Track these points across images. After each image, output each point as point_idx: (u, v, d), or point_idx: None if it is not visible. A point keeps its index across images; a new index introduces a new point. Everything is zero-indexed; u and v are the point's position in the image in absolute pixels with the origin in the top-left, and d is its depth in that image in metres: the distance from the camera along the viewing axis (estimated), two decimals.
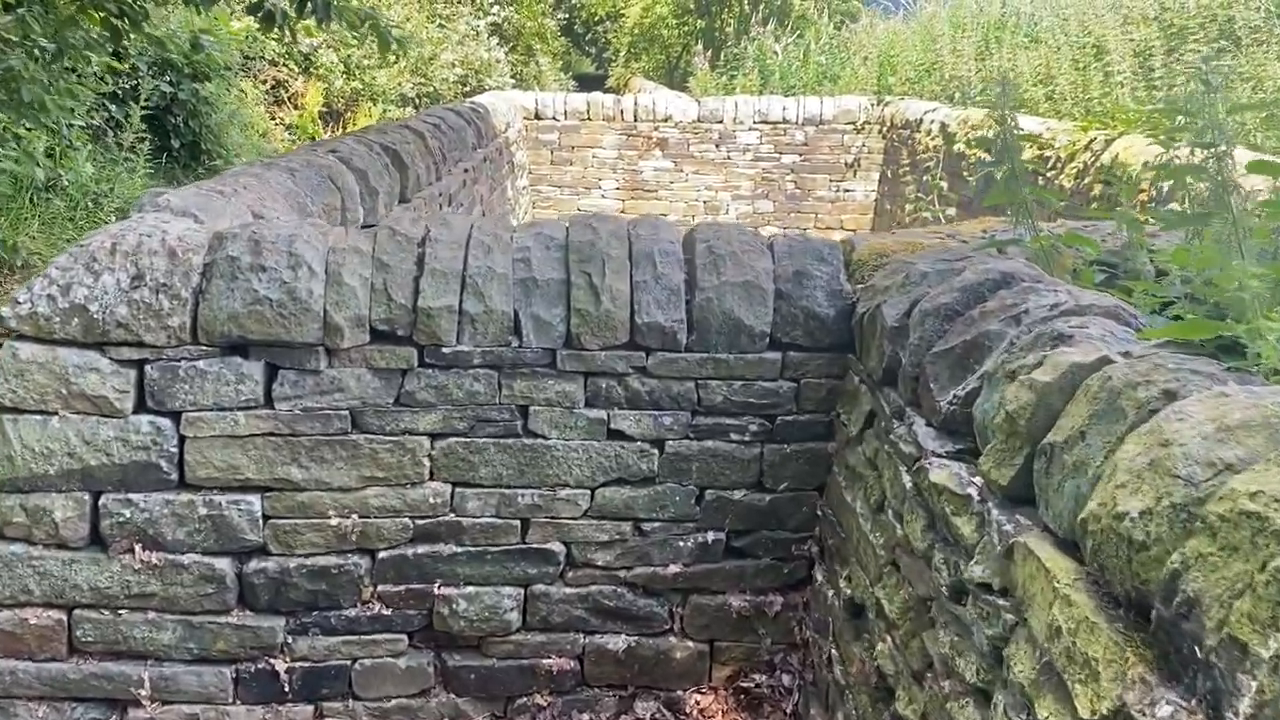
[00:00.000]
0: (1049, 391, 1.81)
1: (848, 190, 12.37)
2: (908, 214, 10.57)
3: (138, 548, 2.90)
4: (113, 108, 7.59)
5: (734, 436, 3.06)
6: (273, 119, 11.95)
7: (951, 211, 9.51)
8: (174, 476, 2.91)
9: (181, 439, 2.89)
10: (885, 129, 12.09)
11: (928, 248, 3.10)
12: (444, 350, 2.93)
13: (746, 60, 15.58)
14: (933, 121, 10.69)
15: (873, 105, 12.21)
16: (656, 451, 3.06)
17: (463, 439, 2.99)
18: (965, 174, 9.64)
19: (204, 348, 2.85)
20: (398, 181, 5.46)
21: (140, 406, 2.86)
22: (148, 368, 2.83)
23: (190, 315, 2.83)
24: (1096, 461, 1.59)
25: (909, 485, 2.40)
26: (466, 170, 7.40)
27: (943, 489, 2.11)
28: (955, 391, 2.24)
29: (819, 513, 3.15)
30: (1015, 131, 2.90)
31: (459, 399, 2.96)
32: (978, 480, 2.01)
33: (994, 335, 2.19)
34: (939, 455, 2.22)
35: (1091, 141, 7.56)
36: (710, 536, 3.13)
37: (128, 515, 2.89)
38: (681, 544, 3.12)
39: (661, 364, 2.99)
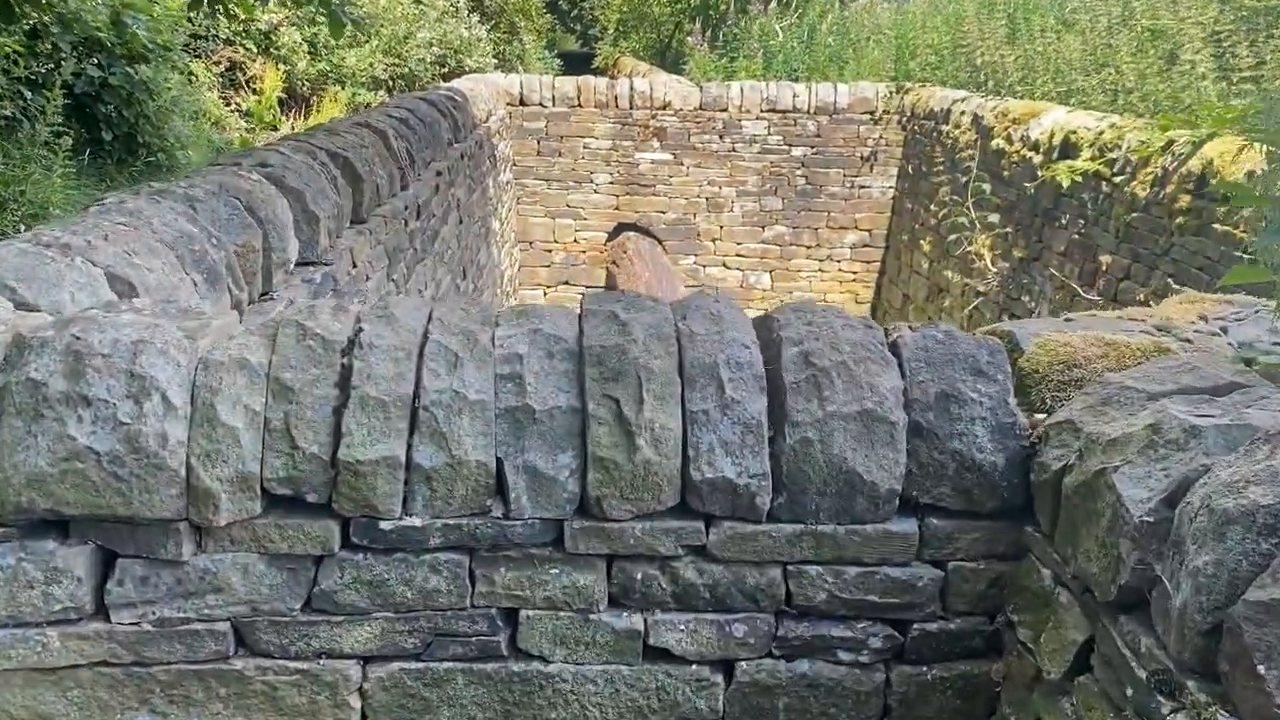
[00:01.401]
0: None
1: (863, 186, 11.28)
2: (937, 218, 9.47)
3: None
4: (29, 94, 6.42)
5: (844, 655, 1.96)
6: (228, 105, 10.74)
7: (994, 219, 8.42)
8: None
9: None
10: (905, 119, 10.99)
11: (1138, 350, 2.00)
12: (383, 525, 1.83)
13: (749, 40, 14.40)
14: (963, 113, 9.59)
15: (891, 93, 11.10)
16: (722, 680, 1.96)
17: (414, 664, 1.89)
18: (1006, 174, 8.55)
19: None
20: (350, 197, 4.33)
21: None
22: None
23: None
24: None
25: None
26: (440, 173, 6.26)
27: None
28: None
29: None
30: None
31: (407, 601, 1.85)
32: None
33: None
34: None
35: (1172, 143, 6.48)
36: None
37: None
38: None
39: (731, 541, 1.89)
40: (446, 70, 13.97)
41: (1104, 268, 7.01)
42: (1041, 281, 7.81)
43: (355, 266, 4.08)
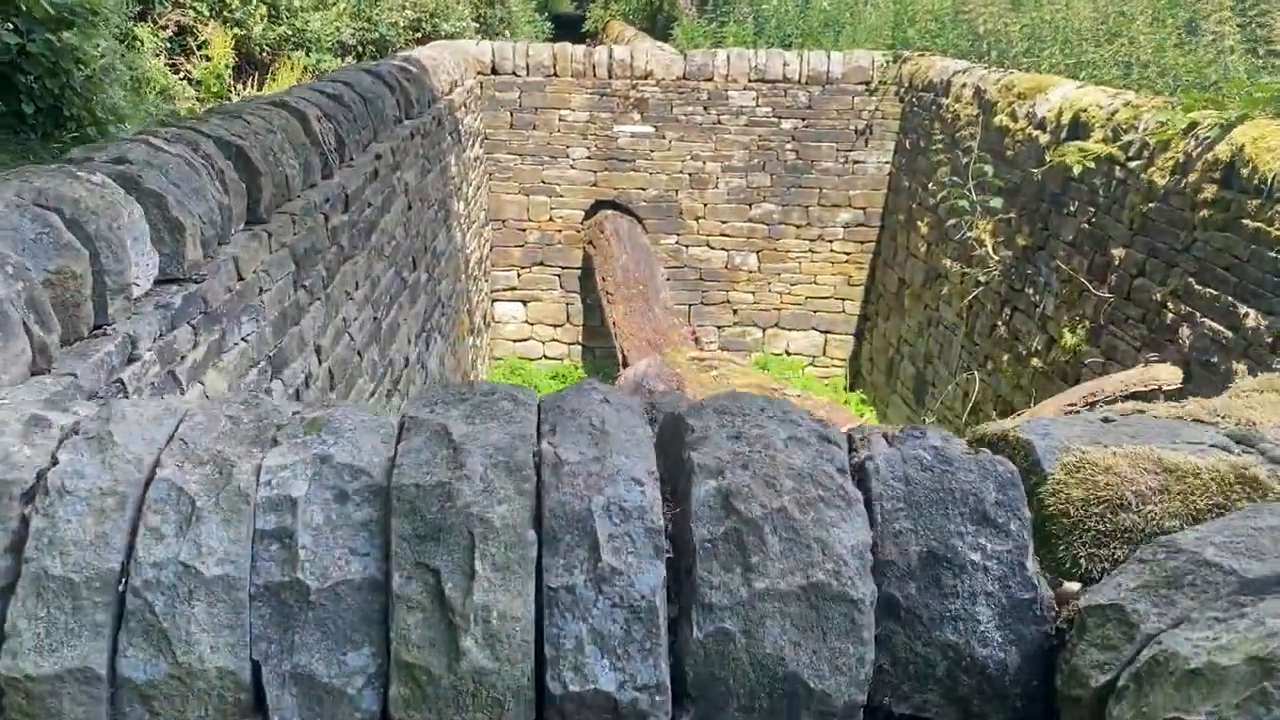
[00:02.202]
0: None
1: (858, 162, 10.59)
2: (935, 198, 8.80)
3: None
4: None
5: None
6: (176, 72, 10.02)
7: (996, 203, 7.76)
8: None
9: None
10: (903, 91, 10.28)
11: (1211, 481, 1.38)
12: None
13: (740, 4, 13.64)
14: (964, 85, 8.89)
15: (888, 62, 10.39)
16: None
17: None
18: (1009, 154, 7.88)
19: None
20: (242, 195, 3.68)
21: None
22: None
23: None
24: None
25: None
26: (380, 156, 5.59)
27: None
28: None
29: None
30: None
31: None
32: None
33: None
34: None
35: (1196, 126, 5.82)
36: None
37: None
38: None
39: None
40: (421, 35, 13.19)
41: (1116, 262, 6.37)
42: (1047, 273, 7.17)
43: (243, 279, 3.44)
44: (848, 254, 10.84)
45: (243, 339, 3.46)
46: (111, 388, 2.55)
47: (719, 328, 10.99)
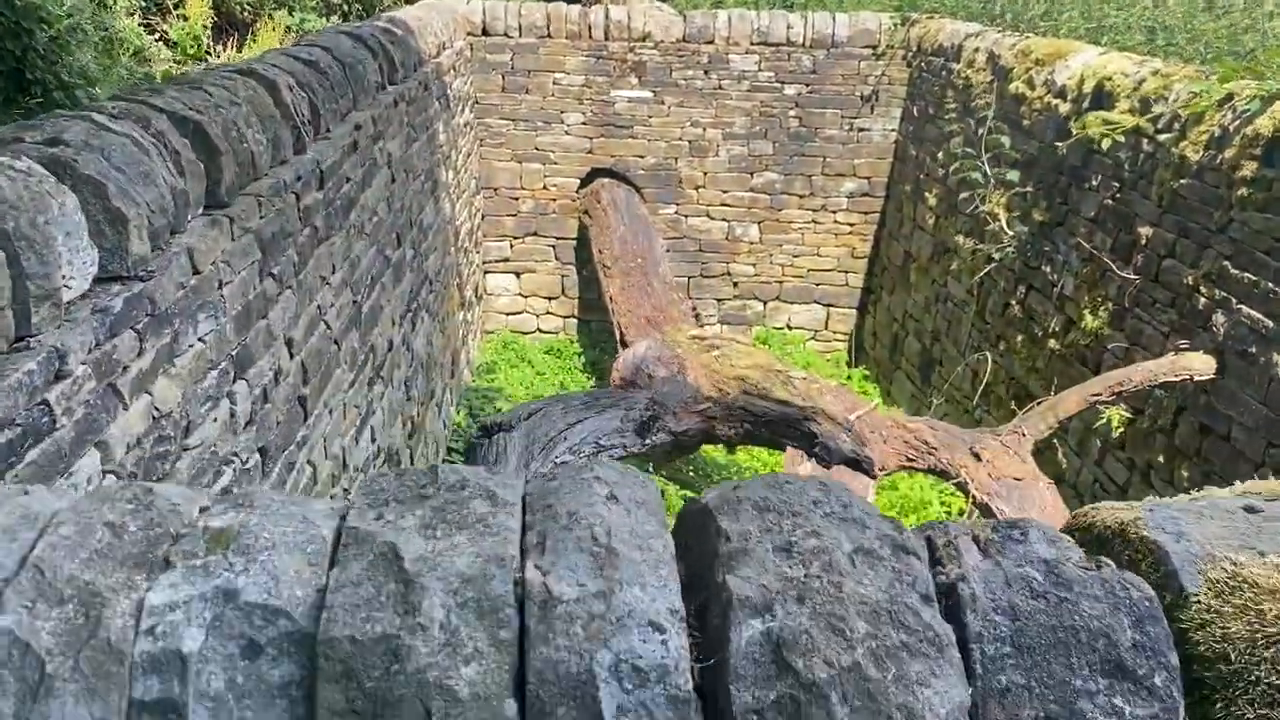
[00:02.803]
0: None
1: (863, 129, 10.18)
2: (946, 168, 8.42)
3: None
4: None
5: None
6: (152, 33, 9.56)
7: (1012, 176, 7.38)
8: None
9: None
10: (911, 55, 9.86)
11: None
12: None
13: None
14: (977, 50, 8.48)
15: (896, 25, 9.95)
16: None
17: None
18: (1026, 124, 7.49)
19: None
20: (200, 177, 3.31)
21: None
22: None
23: None
24: None
25: None
26: (360, 126, 5.20)
27: None
28: None
29: None
30: None
31: None
32: None
33: None
34: None
35: (1233, 98, 5.44)
36: None
37: None
38: None
39: None
40: None
41: (1143, 241, 6.01)
42: (1066, 251, 6.81)
43: (199, 272, 3.08)
44: (852, 225, 10.46)
45: (199, 339, 3.10)
46: (34, 413, 2.20)
47: (719, 301, 10.63)
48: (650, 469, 4.43)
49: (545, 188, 10.35)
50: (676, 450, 4.54)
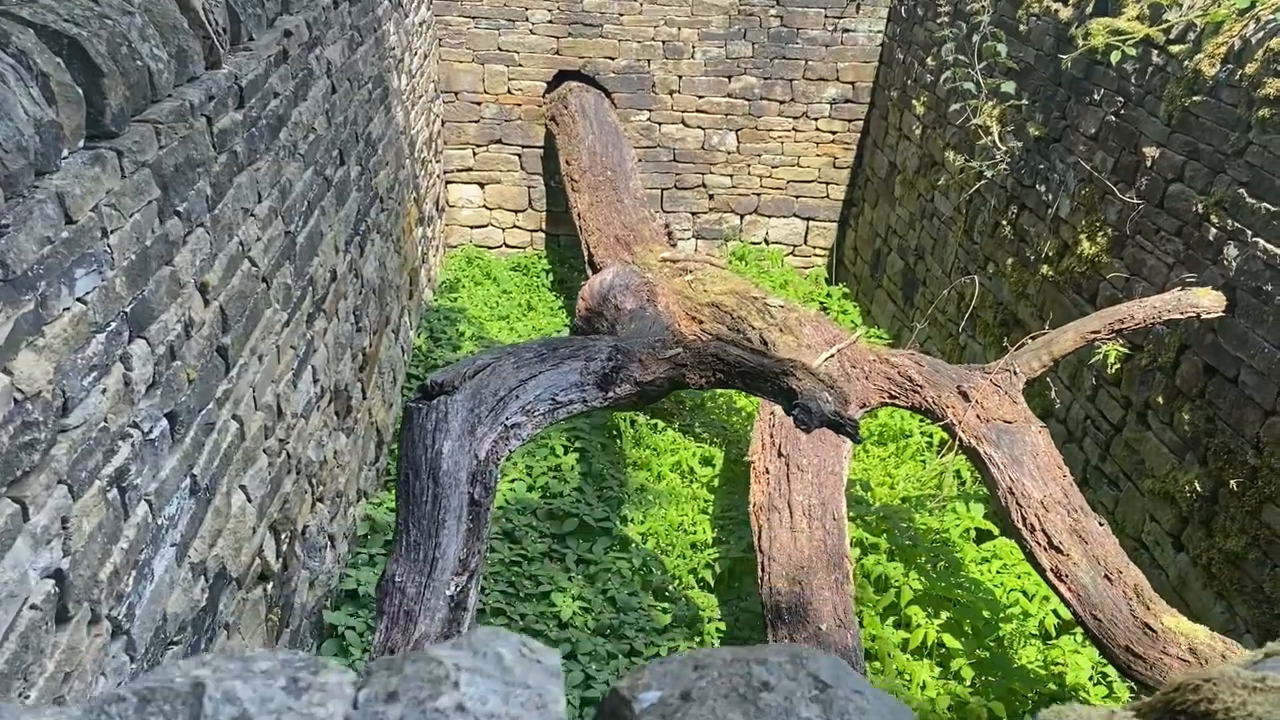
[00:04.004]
0: None
1: (847, 30, 9.59)
2: (934, 75, 7.88)
3: None
4: None
5: None
6: None
7: (1008, 87, 6.88)
8: None
9: None
10: None
11: None
12: None
13: None
14: None
15: None
16: None
17: None
18: (1022, 28, 6.96)
19: None
20: (79, 105, 2.80)
21: None
22: None
23: None
24: None
25: None
26: (290, 33, 4.65)
27: None
28: None
29: None
30: None
31: None
32: None
33: None
34: None
35: (1256, 6, 4.96)
36: None
37: None
38: None
39: None
40: None
41: (1148, 162, 5.57)
42: (1063, 170, 6.37)
43: (74, 221, 2.61)
44: (834, 134, 9.94)
45: (78, 300, 2.65)
46: None
47: (694, 214, 10.15)
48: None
49: (509, 92, 9.74)
50: (642, 401, 4.15)
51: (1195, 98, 5.22)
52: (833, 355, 5.68)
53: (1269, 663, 0.92)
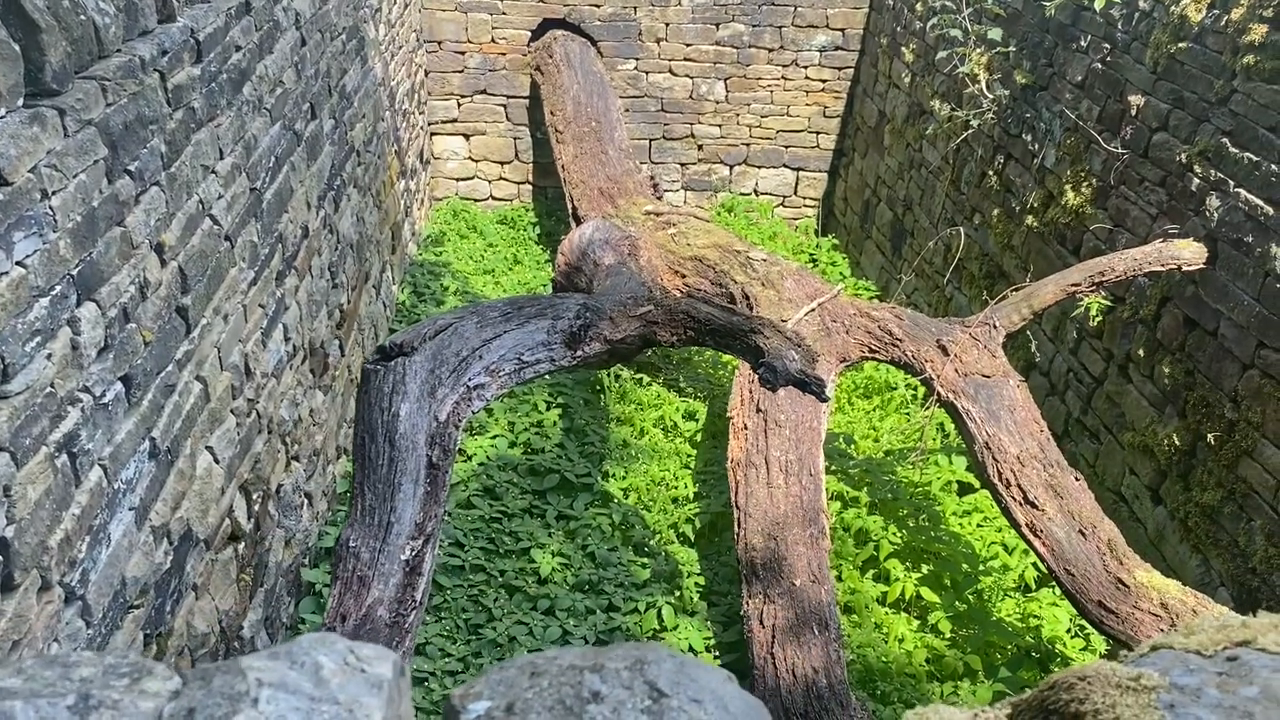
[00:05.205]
0: None
1: None
2: (924, 21, 7.73)
3: None
4: None
5: None
6: None
7: (995, 34, 6.75)
8: None
9: None
10: None
11: None
12: None
13: None
14: None
15: None
16: None
17: None
18: None
19: None
20: (16, 60, 2.72)
21: None
22: None
23: None
24: None
25: None
26: None
27: None
28: None
29: None
30: None
31: None
32: None
33: None
34: None
35: None
36: None
37: None
38: None
39: None
40: None
41: (1133, 110, 5.47)
42: (1049, 118, 6.26)
43: (9, 184, 2.55)
44: (824, 82, 9.78)
45: (17, 264, 2.60)
46: None
47: (682, 165, 10.02)
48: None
49: (494, 40, 9.58)
50: (613, 359, 4.10)
51: (1181, 44, 5.11)
52: (813, 309, 5.63)
53: (1152, 657, 0.89)
